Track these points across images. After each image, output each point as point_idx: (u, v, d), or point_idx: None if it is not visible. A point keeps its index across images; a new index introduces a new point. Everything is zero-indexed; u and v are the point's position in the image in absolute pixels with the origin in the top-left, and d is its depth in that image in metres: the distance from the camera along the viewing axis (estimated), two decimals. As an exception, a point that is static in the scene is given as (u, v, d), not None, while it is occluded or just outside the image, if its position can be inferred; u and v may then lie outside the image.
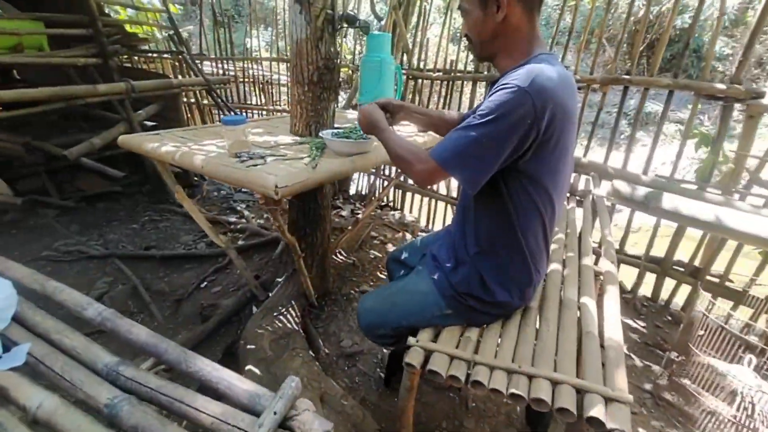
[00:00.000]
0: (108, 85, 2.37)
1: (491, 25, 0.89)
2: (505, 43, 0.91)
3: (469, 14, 0.92)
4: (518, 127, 0.80)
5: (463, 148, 0.84)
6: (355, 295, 2.07)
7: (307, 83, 1.62)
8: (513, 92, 0.79)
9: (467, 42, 1.00)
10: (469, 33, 0.95)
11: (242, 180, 1.11)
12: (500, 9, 0.86)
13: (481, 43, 0.94)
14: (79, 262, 2.14)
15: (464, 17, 0.94)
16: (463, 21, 0.96)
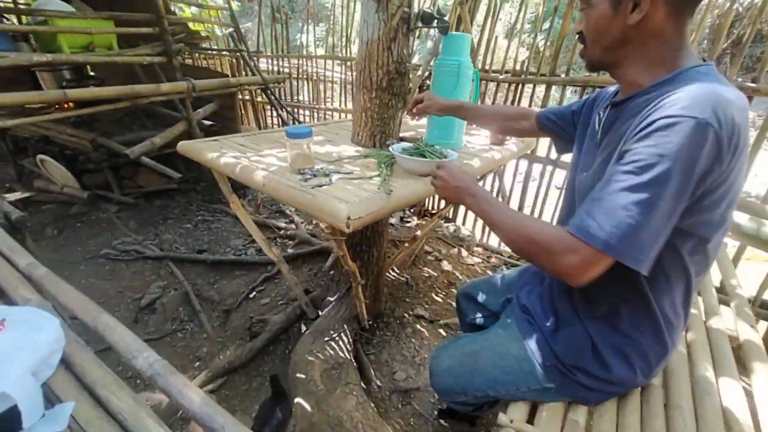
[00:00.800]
0: (171, 84, 2.36)
1: (620, 26, 0.67)
2: (637, 51, 0.68)
3: (591, 7, 0.70)
4: (701, 175, 0.57)
5: (634, 221, 0.57)
6: (409, 319, 1.90)
7: (375, 89, 1.46)
8: (690, 128, 0.55)
9: (580, 43, 0.77)
10: (585, 32, 0.73)
11: (308, 206, 0.97)
12: (638, 8, 0.64)
13: (602, 48, 0.71)
14: (135, 262, 2.15)
15: (583, 10, 0.73)
16: (579, 15, 0.75)
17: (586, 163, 0.81)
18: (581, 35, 0.75)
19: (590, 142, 0.83)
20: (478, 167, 1.40)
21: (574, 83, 2.33)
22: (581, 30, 0.74)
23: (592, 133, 0.82)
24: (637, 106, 0.67)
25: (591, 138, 0.83)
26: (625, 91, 0.73)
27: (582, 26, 0.74)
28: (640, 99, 0.67)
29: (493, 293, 1.18)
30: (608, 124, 0.74)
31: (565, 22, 2.26)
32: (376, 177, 1.19)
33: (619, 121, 0.71)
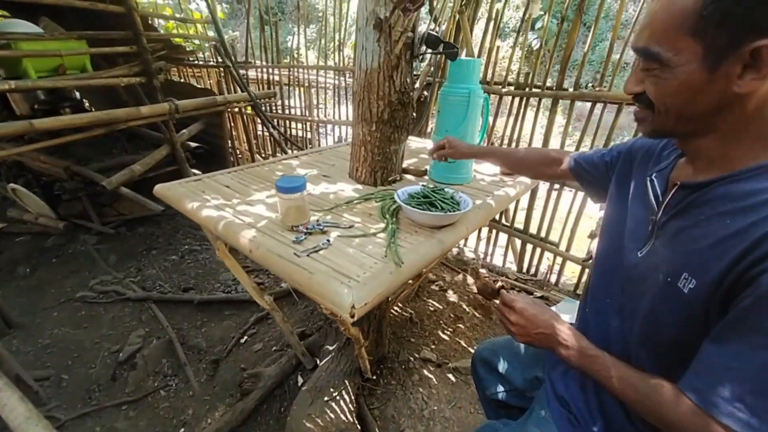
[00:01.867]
0: (151, 107, 2.18)
1: (718, 93, 0.48)
2: (735, 123, 0.50)
3: (668, 68, 0.50)
4: None
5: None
6: (415, 363, 1.75)
7: (376, 121, 1.31)
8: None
9: (640, 107, 0.57)
10: (654, 97, 0.53)
11: (305, 287, 0.81)
12: (754, 71, 0.45)
13: (683, 118, 0.52)
14: (115, 305, 1.97)
15: (650, 71, 0.52)
16: (637, 74, 0.55)
17: (636, 237, 0.66)
18: (640, 98, 0.56)
19: (641, 213, 0.67)
20: (492, 209, 1.25)
21: (583, 98, 2.18)
22: (639, 91, 0.55)
23: (644, 202, 0.67)
24: (727, 199, 0.51)
25: (642, 207, 0.67)
26: (702, 169, 0.56)
27: (643, 88, 0.54)
28: (732, 189, 0.51)
29: (517, 364, 1.02)
30: (677, 208, 0.58)
31: (572, 33, 2.11)
32: (380, 232, 1.03)
33: (695, 211, 0.55)
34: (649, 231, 0.62)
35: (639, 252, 0.63)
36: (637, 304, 0.62)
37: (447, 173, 1.44)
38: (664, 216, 0.60)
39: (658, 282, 0.56)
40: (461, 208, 1.07)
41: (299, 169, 1.58)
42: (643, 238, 0.64)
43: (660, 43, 0.49)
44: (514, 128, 2.51)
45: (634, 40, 0.54)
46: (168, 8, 4.31)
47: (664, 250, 0.58)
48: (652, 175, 0.66)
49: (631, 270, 0.64)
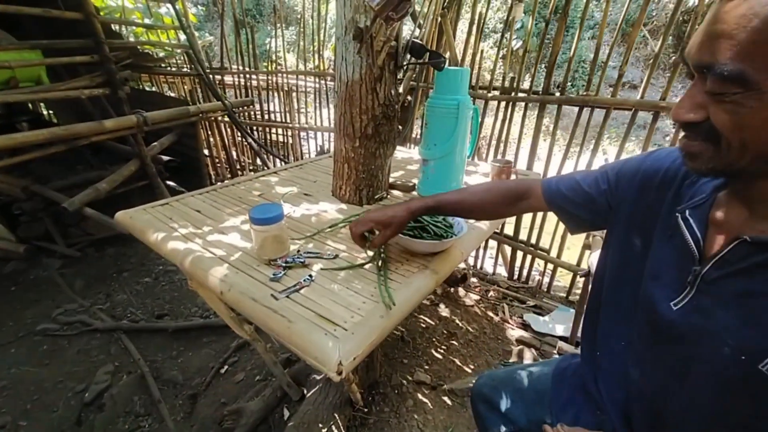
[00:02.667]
0: (116, 120, 2.03)
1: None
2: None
3: (757, 93, 0.37)
4: None
5: None
6: (408, 387, 1.66)
7: (359, 137, 1.21)
8: None
9: (686, 137, 0.47)
10: (725, 128, 0.41)
11: (284, 337, 0.70)
12: None
13: (761, 155, 0.41)
14: (81, 337, 1.81)
15: (719, 96, 0.40)
16: (700, 94, 0.43)
17: (664, 283, 0.56)
18: (697, 128, 0.44)
19: (671, 255, 0.56)
20: (486, 230, 1.17)
21: (570, 102, 2.14)
22: (697, 120, 0.43)
23: (675, 244, 0.56)
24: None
25: (672, 249, 0.56)
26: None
27: (704, 116, 0.42)
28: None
29: (520, 402, 0.94)
30: (740, 266, 0.47)
31: (557, 37, 2.07)
32: (368, 262, 0.93)
33: (763, 272, 0.45)
34: (689, 281, 0.52)
35: (673, 304, 0.53)
36: (680, 368, 0.52)
37: (436, 189, 1.36)
38: (716, 271, 0.49)
39: (723, 355, 0.46)
40: (455, 231, 0.99)
41: (278, 187, 1.47)
42: (677, 288, 0.54)
43: (748, 60, 0.36)
44: (501, 131, 2.45)
45: (697, 51, 0.41)
46: (138, 13, 4.10)
47: (724, 315, 0.47)
48: (685, 213, 0.54)
49: (666, 325, 0.54)
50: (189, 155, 2.75)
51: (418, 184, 1.42)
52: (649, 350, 0.58)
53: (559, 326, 2.05)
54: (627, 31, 6.77)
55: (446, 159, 1.30)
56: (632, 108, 1.92)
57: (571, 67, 2.11)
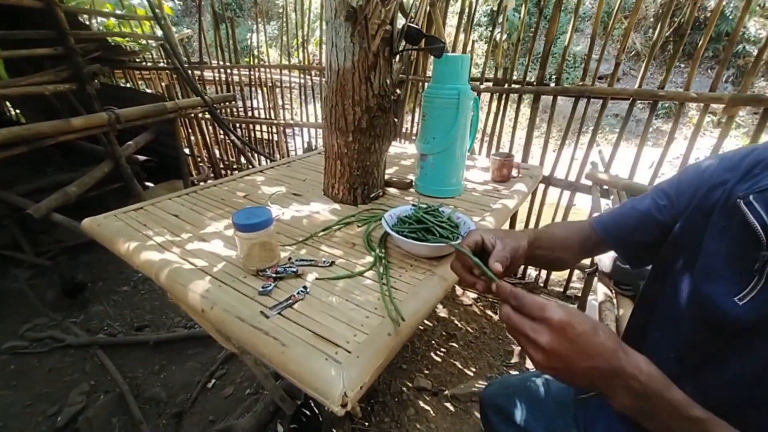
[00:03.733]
0: (85, 118, 1.87)
1: None
2: None
3: None
4: None
5: None
6: (408, 394, 1.58)
7: (353, 131, 1.11)
8: None
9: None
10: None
11: (277, 364, 0.61)
12: None
13: None
14: (52, 354, 1.67)
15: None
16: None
17: (724, 279, 0.50)
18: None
19: (728, 248, 0.51)
20: (493, 228, 1.09)
21: (566, 93, 2.08)
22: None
23: (734, 235, 0.50)
24: None
25: (730, 241, 0.51)
26: None
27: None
28: None
29: (538, 413, 0.87)
30: None
31: (552, 26, 2.00)
32: (368, 269, 0.84)
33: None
34: (754, 269, 0.47)
35: (738, 299, 0.47)
36: (755, 377, 0.46)
37: (435, 185, 1.27)
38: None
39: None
40: (462, 231, 0.91)
41: (264, 187, 1.36)
42: (740, 280, 0.48)
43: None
44: (495, 125, 2.38)
45: None
46: (108, 5, 3.88)
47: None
48: (749, 197, 0.49)
49: (732, 323, 0.48)
50: (168, 154, 2.60)
51: (416, 180, 1.33)
52: (707, 362, 0.51)
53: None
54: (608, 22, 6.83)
55: (446, 153, 1.21)
56: (630, 97, 1.87)
57: (566, 56, 2.05)
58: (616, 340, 0.42)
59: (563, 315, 0.41)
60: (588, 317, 0.43)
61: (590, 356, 0.40)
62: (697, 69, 1.70)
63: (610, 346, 0.41)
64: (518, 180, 1.43)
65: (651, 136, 6.83)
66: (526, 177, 1.47)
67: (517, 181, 1.41)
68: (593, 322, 0.42)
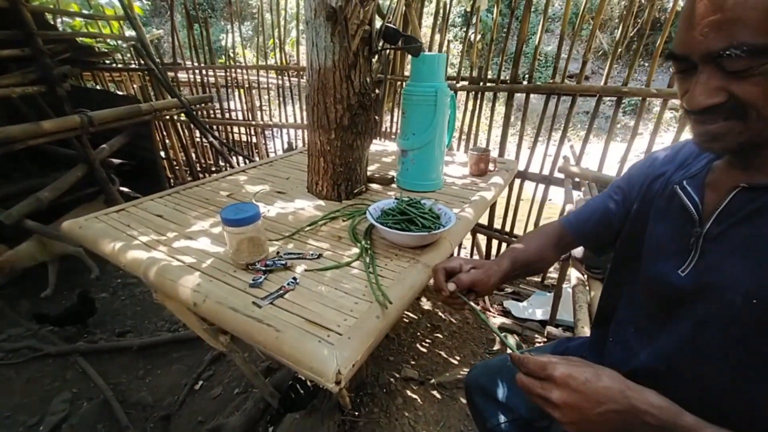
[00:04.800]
0: (56, 121, 1.82)
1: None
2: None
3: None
4: None
5: None
6: (396, 384, 1.62)
7: (335, 128, 1.15)
8: None
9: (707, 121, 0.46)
10: (761, 98, 0.42)
11: (272, 348, 0.63)
12: None
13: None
14: (29, 364, 1.62)
15: (752, 66, 0.41)
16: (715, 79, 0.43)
17: (668, 255, 0.57)
18: (718, 109, 0.44)
19: (669, 227, 0.59)
20: (472, 218, 1.14)
21: (538, 90, 2.17)
22: (719, 102, 0.44)
23: (674, 215, 0.58)
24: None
25: (672, 221, 0.59)
26: (764, 171, 0.48)
27: (724, 98, 0.43)
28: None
29: (518, 390, 0.92)
30: (741, 214, 0.49)
31: (523, 27, 2.08)
32: (355, 260, 0.88)
33: (763, 216, 0.47)
34: (690, 244, 0.54)
35: (680, 271, 0.54)
36: (695, 336, 0.52)
37: (416, 180, 1.32)
38: (717, 226, 0.51)
39: (735, 305, 0.47)
40: (443, 222, 0.95)
41: (248, 186, 1.37)
42: (681, 254, 0.55)
43: (764, 33, 0.39)
44: (471, 122, 2.46)
45: (703, 43, 0.42)
46: (74, 5, 3.75)
47: (731, 267, 0.48)
48: (683, 183, 0.57)
49: (677, 294, 0.54)
50: (144, 158, 2.54)
51: (398, 176, 1.37)
52: (660, 328, 0.57)
53: (538, 311, 2.09)
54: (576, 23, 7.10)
55: (426, 149, 1.26)
56: (597, 93, 1.98)
57: (537, 55, 2.14)
58: (621, 381, 0.44)
59: (563, 369, 0.44)
60: (589, 365, 0.46)
61: (600, 402, 0.43)
62: (657, 67, 1.82)
63: (616, 387, 0.43)
64: (495, 173, 1.50)
65: (621, 132, 7.14)
66: (502, 170, 1.54)
67: (494, 175, 1.48)
68: (595, 369, 0.45)
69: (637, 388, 0.44)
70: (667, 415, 0.41)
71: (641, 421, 0.41)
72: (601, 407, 0.42)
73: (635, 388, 0.44)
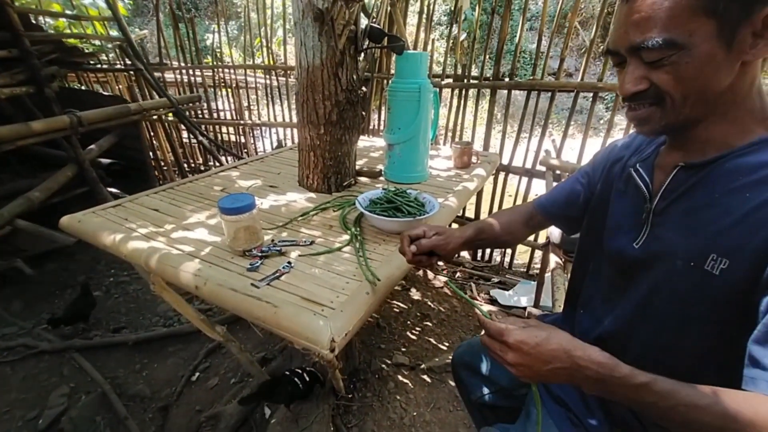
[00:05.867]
0: (46, 121, 1.83)
1: (731, 68, 0.48)
2: (736, 101, 0.51)
3: (685, 50, 0.47)
4: None
5: None
6: (388, 370, 1.68)
7: (324, 123, 1.20)
8: None
9: (634, 107, 0.54)
10: (669, 87, 0.49)
11: (271, 323, 0.69)
12: (765, 40, 0.46)
13: (699, 102, 0.50)
14: (26, 361, 1.64)
15: (659, 61, 0.49)
16: (638, 69, 0.51)
17: (625, 230, 0.64)
18: (643, 95, 0.52)
19: (626, 204, 0.67)
20: (455, 207, 1.21)
21: (519, 87, 2.26)
22: (642, 89, 0.51)
23: (630, 194, 0.66)
24: (738, 174, 0.50)
25: (627, 199, 0.66)
26: (697, 152, 0.55)
27: (646, 85, 0.51)
28: (741, 163, 0.50)
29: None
30: (680, 190, 0.57)
31: (504, 24, 2.16)
32: (345, 245, 0.94)
33: (705, 190, 0.53)
34: (642, 219, 0.61)
35: (635, 244, 0.62)
36: (648, 300, 0.59)
37: (403, 172, 1.39)
38: (663, 201, 0.58)
39: (676, 269, 0.54)
40: (427, 209, 1.02)
41: (240, 180, 1.42)
42: (635, 229, 0.62)
43: (671, 29, 0.46)
44: (456, 118, 2.53)
45: (625, 38, 0.50)
46: (56, 5, 3.71)
47: (673, 235, 0.56)
48: (636, 165, 0.65)
49: (631, 263, 0.62)
50: (133, 158, 2.55)
51: (385, 169, 1.43)
52: (621, 296, 0.65)
53: (523, 298, 2.18)
54: (561, 22, 7.26)
55: (411, 142, 1.33)
56: (574, 89, 2.07)
57: (518, 53, 2.23)
58: (568, 341, 0.50)
59: (517, 336, 0.50)
60: (543, 329, 0.51)
61: (548, 361, 0.49)
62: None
63: (563, 348, 0.49)
64: (478, 165, 1.57)
65: (603, 127, 7.34)
66: (485, 163, 1.61)
67: (477, 167, 1.55)
68: (548, 332, 0.51)
69: (582, 347, 0.49)
70: (604, 369, 0.47)
71: (583, 375, 0.48)
72: (549, 366, 0.49)
73: (580, 347, 0.49)
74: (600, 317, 0.72)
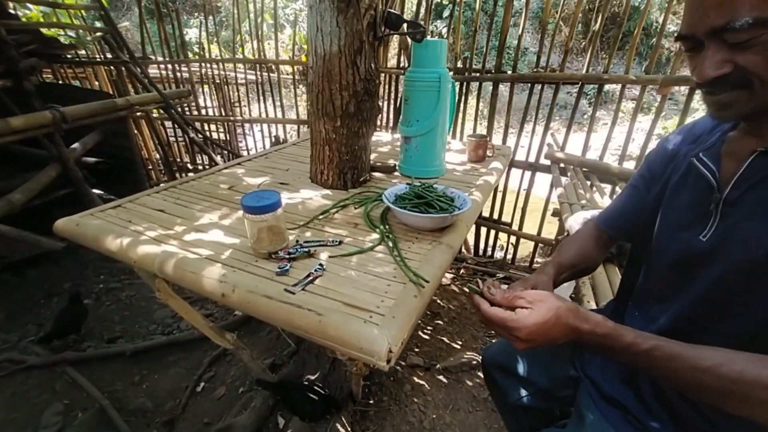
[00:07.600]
0: (25, 117, 1.69)
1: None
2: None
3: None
4: None
5: None
6: (403, 372, 1.63)
7: (340, 116, 1.13)
8: None
9: (716, 91, 0.50)
10: (763, 65, 0.45)
11: (315, 332, 0.62)
12: None
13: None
14: (12, 378, 1.51)
15: (753, 37, 0.44)
16: (720, 52, 0.47)
17: (689, 224, 0.61)
18: (725, 79, 0.48)
19: (689, 197, 0.63)
20: (481, 201, 1.16)
21: (522, 80, 2.23)
22: (726, 72, 0.47)
23: (693, 186, 0.62)
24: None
25: (691, 191, 0.62)
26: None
27: (730, 68, 0.47)
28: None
29: (538, 362, 0.95)
30: (758, 177, 0.53)
31: (506, 16, 2.13)
32: (377, 245, 0.87)
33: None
34: (711, 210, 0.57)
35: (702, 236, 0.58)
36: (714, 293, 0.56)
37: (420, 167, 1.33)
38: (736, 190, 0.55)
39: (758, 258, 0.50)
40: (458, 204, 0.97)
41: (247, 178, 1.33)
42: (700, 221, 0.58)
43: (762, 6, 0.43)
44: (458, 112, 2.49)
45: (705, 21, 0.46)
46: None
47: (751, 225, 0.52)
48: (699, 155, 0.61)
49: (698, 257, 0.58)
50: (121, 156, 2.41)
51: (400, 163, 1.37)
52: (678, 293, 0.61)
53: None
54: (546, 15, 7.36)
55: (429, 135, 1.27)
56: (579, 81, 2.05)
57: (520, 45, 2.19)
58: (574, 319, 0.54)
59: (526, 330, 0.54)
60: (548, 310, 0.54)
61: (556, 339, 0.55)
62: (633, 58, 1.92)
63: (569, 326, 0.54)
64: (493, 159, 1.53)
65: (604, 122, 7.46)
66: (500, 156, 1.57)
67: (493, 160, 1.51)
68: (554, 314, 0.54)
69: (587, 319, 0.54)
70: (608, 340, 0.53)
71: (589, 345, 0.55)
72: (557, 341, 0.55)
73: (585, 320, 0.54)
74: (654, 317, 0.68)
